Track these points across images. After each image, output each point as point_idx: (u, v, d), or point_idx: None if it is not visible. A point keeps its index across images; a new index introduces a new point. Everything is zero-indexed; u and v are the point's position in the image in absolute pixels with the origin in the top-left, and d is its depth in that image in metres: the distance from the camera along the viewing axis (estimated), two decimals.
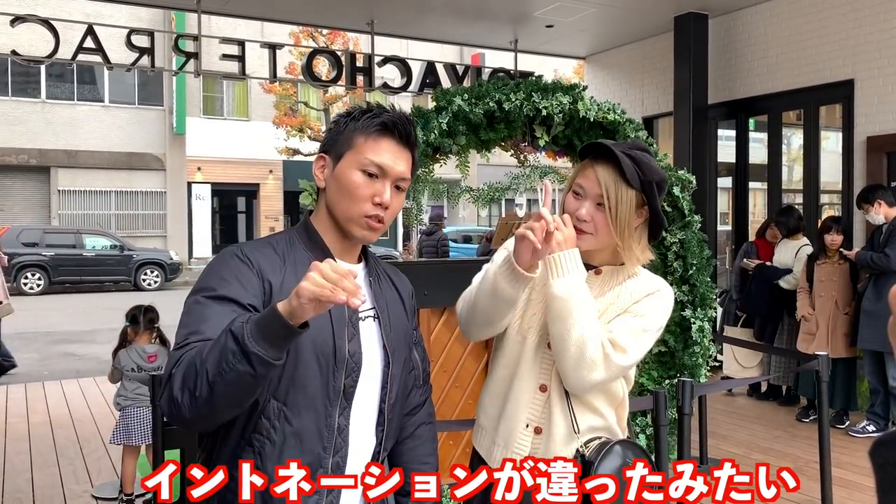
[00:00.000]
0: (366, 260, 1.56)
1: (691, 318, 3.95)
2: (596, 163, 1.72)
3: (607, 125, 3.76)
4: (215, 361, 1.19)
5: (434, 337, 3.87)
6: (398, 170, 1.46)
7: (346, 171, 1.44)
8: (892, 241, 5.17)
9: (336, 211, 1.45)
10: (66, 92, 22.09)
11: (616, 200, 1.69)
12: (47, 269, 16.94)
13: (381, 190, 1.43)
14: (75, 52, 6.84)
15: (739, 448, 5.14)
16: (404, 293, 1.62)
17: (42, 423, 5.83)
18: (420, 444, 1.63)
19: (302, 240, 1.47)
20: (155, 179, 22.81)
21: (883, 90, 6.25)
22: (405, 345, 1.55)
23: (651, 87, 8.50)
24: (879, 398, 5.40)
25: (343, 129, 1.47)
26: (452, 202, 22.50)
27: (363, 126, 1.45)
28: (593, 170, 1.71)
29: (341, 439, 1.40)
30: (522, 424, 1.76)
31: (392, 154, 1.45)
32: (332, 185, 1.46)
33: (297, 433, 1.35)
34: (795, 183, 8.03)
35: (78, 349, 9.83)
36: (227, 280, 1.35)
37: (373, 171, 1.43)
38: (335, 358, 1.38)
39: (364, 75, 8.02)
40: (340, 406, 1.39)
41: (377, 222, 1.44)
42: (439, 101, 3.49)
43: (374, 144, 1.44)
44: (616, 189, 1.68)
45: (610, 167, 1.70)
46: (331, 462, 1.38)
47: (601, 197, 1.69)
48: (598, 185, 1.69)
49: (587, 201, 1.71)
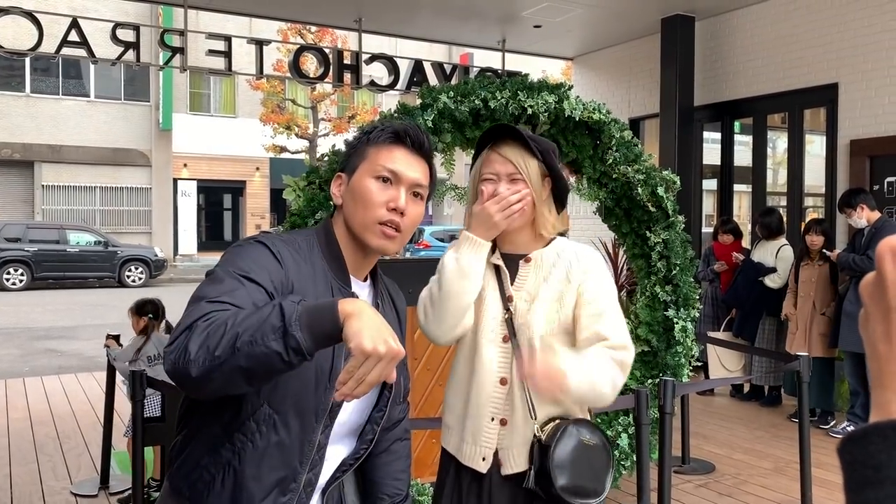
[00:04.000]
0: (373, 280, 1.54)
1: (674, 318, 3.97)
2: (495, 147, 1.82)
3: (592, 124, 3.77)
4: (251, 330, 1.13)
5: (418, 335, 3.86)
6: (412, 175, 1.45)
7: (359, 181, 1.44)
8: (874, 244, 5.21)
9: (352, 221, 1.43)
10: (51, 86, 21.91)
11: (528, 170, 1.78)
12: (30, 264, 16.79)
13: (395, 195, 1.42)
14: (59, 45, 6.78)
15: (721, 448, 5.16)
16: (401, 313, 1.62)
17: (22, 419, 5.78)
18: (395, 459, 1.63)
19: (321, 245, 1.44)
20: (140, 175, 22.68)
21: (866, 94, 6.31)
22: (402, 365, 1.53)
23: (638, 88, 8.54)
24: (860, 399, 5.44)
25: (357, 145, 1.49)
26: (437, 200, 22.47)
27: (375, 137, 1.46)
28: (496, 153, 1.81)
29: (318, 456, 1.39)
30: (488, 418, 1.81)
31: (405, 160, 1.45)
32: (347, 198, 1.45)
33: (281, 443, 1.34)
34: (780, 186, 8.09)
35: (60, 345, 9.75)
36: (259, 266, 1.31)
37: (386, 176, 1.43)
38: (330, 375, 1.36)
39: (351, 73, 8.00)
40: (324, 423, 1.38)
41: (394, 230, 1.42)
42: (425, 99, 3.48)
43: (387, 153, 1.44)
44: (524, 160, 1.79)
45: (510, 146, 1.80)
46: (304, 478, 1.38)
47: (514, 172, 1.78)
48: (507, 162, 1.79)
49: (501, 182, 1.79)
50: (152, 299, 4.37)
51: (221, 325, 1.15)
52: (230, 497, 1.34)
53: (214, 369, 1.14)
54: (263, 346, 1.12)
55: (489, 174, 1.81)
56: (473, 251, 1.77)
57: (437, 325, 1.81)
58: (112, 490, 4.24)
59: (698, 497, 4.26)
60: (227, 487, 1.34)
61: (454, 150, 3.66)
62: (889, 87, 6.15)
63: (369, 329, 1.12)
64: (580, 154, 3.84)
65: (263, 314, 1.14)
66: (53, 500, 4.13)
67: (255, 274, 1.29)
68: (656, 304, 4.05)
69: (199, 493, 1.36)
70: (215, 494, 1.35)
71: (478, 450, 1.80)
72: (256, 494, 1.34)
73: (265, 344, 1.11)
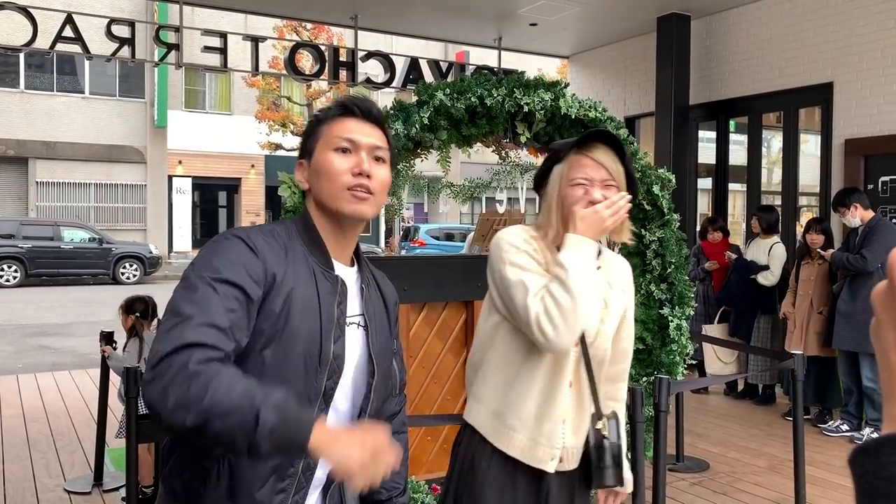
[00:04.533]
0: (359, 264, 1.54)
1: (669, 317, 3.97)
2: (586, 152, 1.81)
3: (588, 122, 3.77)
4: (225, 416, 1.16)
5: (413, 333, 3.86)
6: (369, 140, 1.46)
7: (319, 157, 1.45)
8: (868, 243, 5.23)
9: (322, 197, 1.44)
10: (46, 82, 21.82)
11: (620, 176, 1.81)
12: (24, 261, 16.73)
13: (358, 160, 1.43)
14: (54, 40, 6.75)
15: (715, 446, 5.18)
16: (389, 302, 1.60)
17: (15, 416, 5.75)
18: None
19: (300, 233, 1.45)
20: (135, 172, 22.61)
21: (861, 93, 6.32)
22: (388, 354, 1.54)
23: (633, 87, 8.54)
24: (853, 398, 5.46)
25: (309, 130, 1.51)
26: (433, 198, 22.44)
27: (324, 116, 1.49)
28: (588, 157, 1.80)
29: None
30: (560, 420, 1.85)
31: (358, 128, 1.46)
32: (313, 179, 1.46)
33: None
34: (774, 185, 8.10)
35: (53, 342, 9.72)
36: (233, 264, 1.31)
37: (344, 146, 1.44)
38: (320, 359, 1.36)
39: (347, 70, 7.99)
40: (318, 408, 1.38)
41: (364, 192, 1.43)
42: (421, 95, 3.48)
43: (340, 125, 1.46)
44: (617, 167, 1.81)
45: (604, 151, 1.81)
46: (302, 463, 1.38)
47: (608, 179, 1.79)
48: (601, 168, 1.79)
49: (595, 187, 1.79)
50: (143, 297, 4.33)
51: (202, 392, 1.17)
52: (227, 489, 1.34)
53: (184, 429, 1.19)
54: (230, 439, 1.18)
55: (581, 179, 1.80)
56: (589, 251, 1.76)
57: (570, 334, 1.71)
58: (106, 487, 4.23)
59: (692, 495, 4.27)
60: (223, 480, 1.33)
61: (450, 148, 3.66)
62: (884, 86, 6.17)
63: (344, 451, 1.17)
64: None
65: (243, 407, 1.16)
66: (47, 498, 4.12)
67: (230, 273, 1.29)
68: (651, 302, 4.05)
69: (195, 491, 1.35)
70: (211, 488, 1.34)
71: (550, 451, 1.83)
72: (254, 482, 1.34)
73: (232, 440, 1.17)
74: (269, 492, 1.35)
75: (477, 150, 3.97)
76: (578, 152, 1.82)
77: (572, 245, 1.74)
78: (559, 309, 1.68)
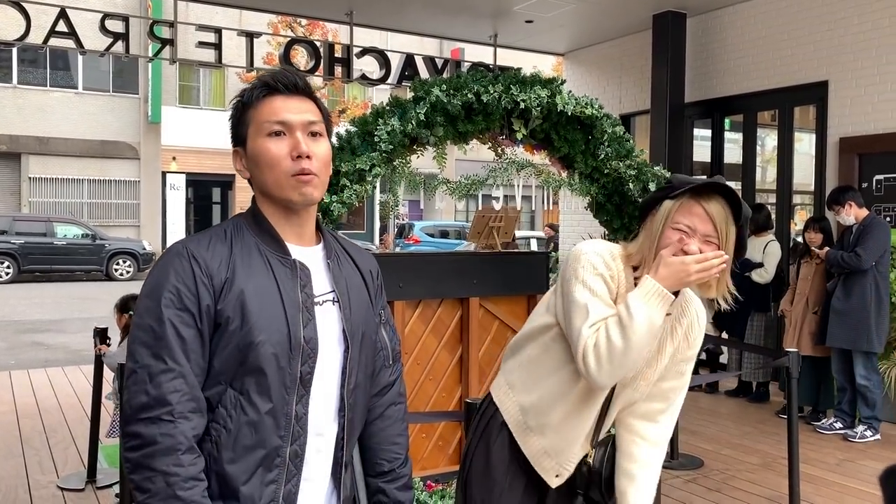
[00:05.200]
0: (323, 240, 1.51)
1: None
2: (701, 200, 1.71)
3: (585, 119, 3.77)
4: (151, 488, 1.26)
5: (408, 329, 3.85)
6: (300, 118, 1.40)
7: (254, 145, 1.41)
8: (863, 241, 5.24)
9: (267, 187, 1.41)
10: (39, 78, 21.71)
11: (726, 237, 1.71)
12: (17, 257, 16.66)
13: (294, 142, 1.39)
14: (47, 35, 6.71)
15: (710, 444, 5.19)
16: (366, 272, 1.57)
17: (8, 412, 5.73)
18: (390, 424, 1.61)
19: (249, 226, 1.43)
20: (129, 168, 22.52)
21: (856, 92, 6.33)
22: (367, 327, 1.51)
23: (629, 84, 8.54)
24: (846, 396, 5.48)
25: (237, 115, 1.45)
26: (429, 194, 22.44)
27: (248, 98, 1.43)
28: (701, 207, 1.70)
29: (299, 427, 1.37)
30: (577, 445, 1.88)
31: (286, 106, 1.40)
32: (252, 168, 1.43)
33: (253, 423, 1.33)
34: (769, 183, 8.10)
35: (46, 339, 9.68)
36: (177, 286, 1.32)
37: (277, 130, 1.40)
38: (290, 345, 1.35)
39: (342, 66, 7.96)
40: (298, 394, 1.36)
41: (307, 175, 1.39)
42: (417, 92, 3.47)
43: (267, 107, 1.41)
44: (727, 227, 1.71)
45: (719, 205, 1.71)
46: (289, 451, 1.36)
47: (712, 236, 1.70)
48: (709, 222, 1.70)
49: (695, 238, 1.70)
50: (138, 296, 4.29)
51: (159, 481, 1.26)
52: (217, 486, 1.33)
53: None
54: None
55: (685, 226, 1.71)
56: (663, 305, 1.68)
57: (613, 375, 1.71)
58: (99, 484, 4.21)
59: (687, 492, 4.28)
60: (211, 478, 1.33)
61: (446, 144, 3.65)
62: (878, 85, 6.18)
63: None
64: (572, 149, 3.83)
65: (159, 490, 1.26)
66: (39, 494, 4.10)
67: (183, 300, 1.31)
68: None
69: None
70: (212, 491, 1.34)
71: (557, 467, 1.86)
72: (239, 477, 1.32)
73: None
74: (257, 484, 1.33)
75: (472, 147, 3.96)
76: (693, 197, 1.72)
77: (646, 292, 1.67)
78: (609, 349, 1.66)
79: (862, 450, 5.10)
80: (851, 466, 4.73)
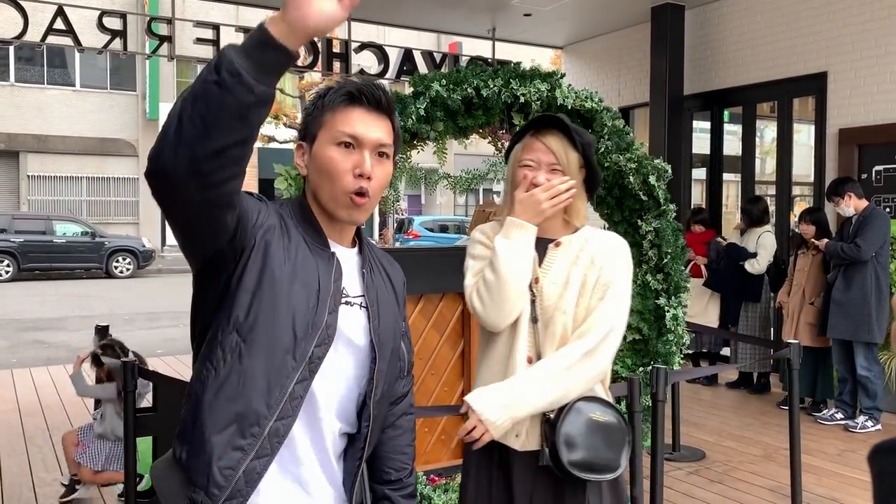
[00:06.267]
0: (360, 246, 1.51)
1: (665, 307, 3.98)
2: (538, 136, 1.87)
3: (584, 113, 3.76)
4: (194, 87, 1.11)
5: (410, 324, 3.85)
6: (373, 136, 1.39)
7: (321, 150, 1.40)
8: (863, 232, 5.25)
9: (320, 194, 1.41)
10: (36, 75, 21.68)
11: (568, 162, 1.86)
12: (16, 255, 16.65)
13: (360, 160, 1.38)
14: (45, 33, 6.70)
15: (711, 435, 5.20)
16: (397, 284, 1.58)
17: (10, 410, 5.74)
18: (400, 434, 1.61)
19: (295, 213, 1.42)
20: (127, 165, 22.50)
21: (855, 83, 6.33)
22: (393, 338, 1.50)
23: (628, 77, 8.53)
24: (847, 386, 5.49)
25: (313, 112, 1.43)
26: (430, 189, 22.41)
27: (330, 101, 1.41)
28: (539, 141, 1.87)
29: (291, 407, 1.31)
30: None
31: (364, 121, 1.39)
32: (311, 170, 1.42)
33: (243, 373, 1.28)
34: (768, 175, 8.12)
35: (47, 337, 9.69)
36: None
37: (347, 142, 1.38)
38: (313, 320, 1.33)
39: (340, 61, 7.96)
40: (302, 373, 1.32)
41: (361, 197, 1.38)
42: (417, 87, 3.46)
43: (344, 116, 1.39)
44: (566, 152, 1.86)
45: (554, 136, 1.86)
46: (270, 425, 1.29)
47: (555, 163, 1.85)
48: (549, 152, 1.85)
49: (541, 171, 1.85)
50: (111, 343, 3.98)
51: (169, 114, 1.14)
52: (191, 429, 1.31)
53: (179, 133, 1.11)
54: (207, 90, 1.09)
55: (529, 160, 1.86)
56: (524, 234, 1.82)
57: (497, 310, 1.83)
58: None
59: (689, 483, 4.29)
60: (188, 419, 1.32)
61: (446, 139, 3.65)
62: (877, 75, 6.18)
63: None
64: None
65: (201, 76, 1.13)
66: (44, 492, 4.11)
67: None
68: (647, 292, 4.06)
69: (178, 433, 1.34)
70: (182, 430, 1.33)
71: (515, 427, 1.83)
72: (209, 424, 1.28)
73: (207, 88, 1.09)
74: (224, 442, 1.28)
75: (472, 142, 3.95)
76: (533, 135, 1.88)
77: (507, 229, 1.83)
78: (486, 286, 1.83)
79: (863, 440, 5.12)
80: (853, 457, 4.75)
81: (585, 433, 1.78)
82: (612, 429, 1.82)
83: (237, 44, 1.13)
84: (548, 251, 1.89)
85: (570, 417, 1.78)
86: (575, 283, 1.85)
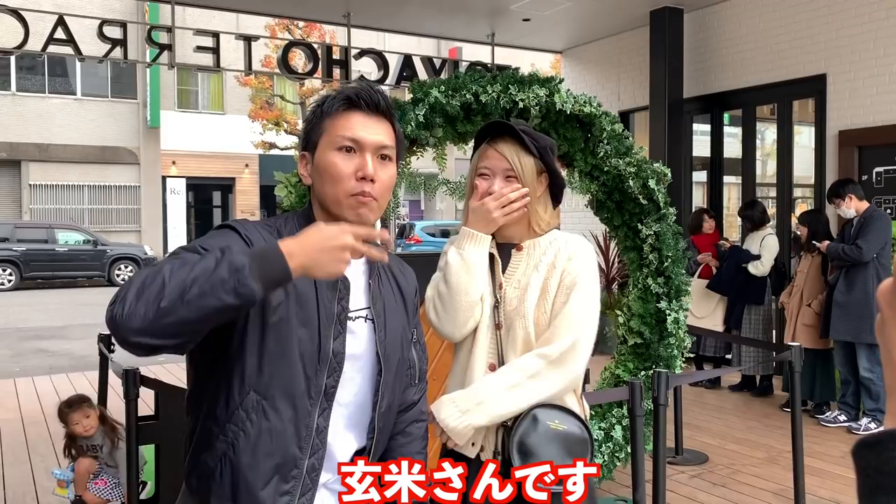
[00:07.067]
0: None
1: (666, 310, 3.98)
2: (493, 143, 1.85)
3: (583, 117, 3.77)
4: (199, 282, 1.13)
5: None
6: (374, 139, 1.40)
7: (323, 157, 1.40)
8: (864, 233, 5.25)
9: (325, 200, 1.41)
10: (38, 84, 21.74)
11: (522, 168, 1.82)
12: (18, 264, 16.67)
13: (361, 163, 1.38)
14: (45, 42, 6.72)
15: (714, 439, 5.19)
16: (407, 291, 1.57)
17: (13, 419, 5.74)
18: (410, 441, 1.61)
19: (300, 227, 1.41)
20: (129, 173, 22.54)
21: (854, 85, 6.33)
22: (400, 348, 1.50)
23: (627, 81, 8.54)
24: (850, 388, 5.48)
25: (313, 120, 1.44)
26: (430, 195, 22.41)
27: (329, 108, 1.42)
28: (493, 149, 1.84)
29: (319, 440, 1.36)
30: None
31: (363, 125, 1.40)
32: (315, 177, 1.42)
33: (272, 430, 1.32)
34: (769, 177, 8.11)
35: (50, 345, 9.69)
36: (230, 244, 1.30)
37: (348, 146, 1.39)
38: (319, 356, 1.34)
39: (340, 68, 7.97)
40: (321, 406, 1.36)
41: (366, 197, 1.39)
42: (416, 93, 3.47)
43: (343, 121, 1.40)
44: (519, 158, 1.82)
45: (508, 142, 1.83)
46: (307, 463, 1.35)
47: (509, 169, 1.82)
48: (503, 159, 1.82)
49: (496, 179, 1.83)
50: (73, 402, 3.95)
51: (159, 275, 1.15)
52: (230, 488, 1.33)
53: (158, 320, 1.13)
54: (215, 298, 1.12)
55: (484, 169, 1.84)
56: (475, 245, 1.82)
57: (450, 322, 1.83)
58: None
59: (692, 487, 4.28)
60: (225, 479, 1.33)
61: (446, 145, 3.65)
62: (877, 77, 6.18)
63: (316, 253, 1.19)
64: (571, 147, 3.84)
65: (208, 266, 1.14)
66: (47, 501, 4.11)
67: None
68: (648, 296, 4.06)
69: (206, 487, 1.35)
70: (216, 486, 1.34)
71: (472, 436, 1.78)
72: (255, 483, 1.32)
73: (216, 297, 1.12)
74: (272, 492, 1.32)
75: (472, 147, 3.96)
76: (488, 143, 1.86)
77: (460, 240, 1.84)
78: (439, 296, 1.84)
79: None
80: None
81: (542, 442, 1.70)
82: (572, 438, 1.73)
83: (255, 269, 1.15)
84: (511, 255, 1.88)
85: (525, 425, 1.71)
86: (535, 288, 1.81)
